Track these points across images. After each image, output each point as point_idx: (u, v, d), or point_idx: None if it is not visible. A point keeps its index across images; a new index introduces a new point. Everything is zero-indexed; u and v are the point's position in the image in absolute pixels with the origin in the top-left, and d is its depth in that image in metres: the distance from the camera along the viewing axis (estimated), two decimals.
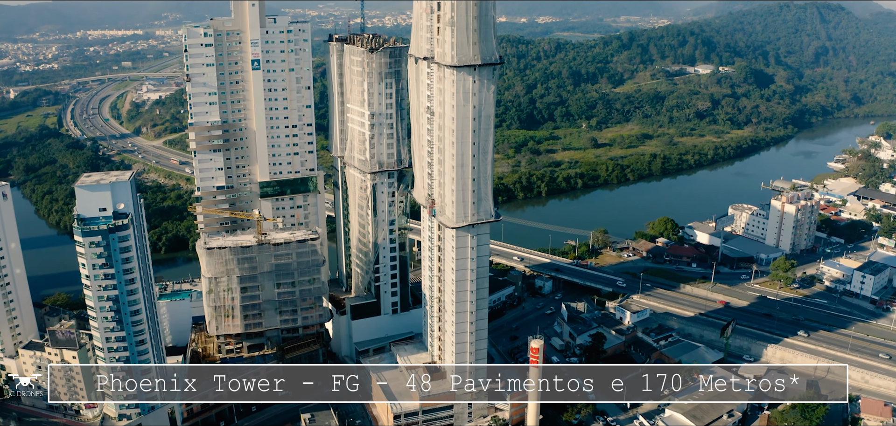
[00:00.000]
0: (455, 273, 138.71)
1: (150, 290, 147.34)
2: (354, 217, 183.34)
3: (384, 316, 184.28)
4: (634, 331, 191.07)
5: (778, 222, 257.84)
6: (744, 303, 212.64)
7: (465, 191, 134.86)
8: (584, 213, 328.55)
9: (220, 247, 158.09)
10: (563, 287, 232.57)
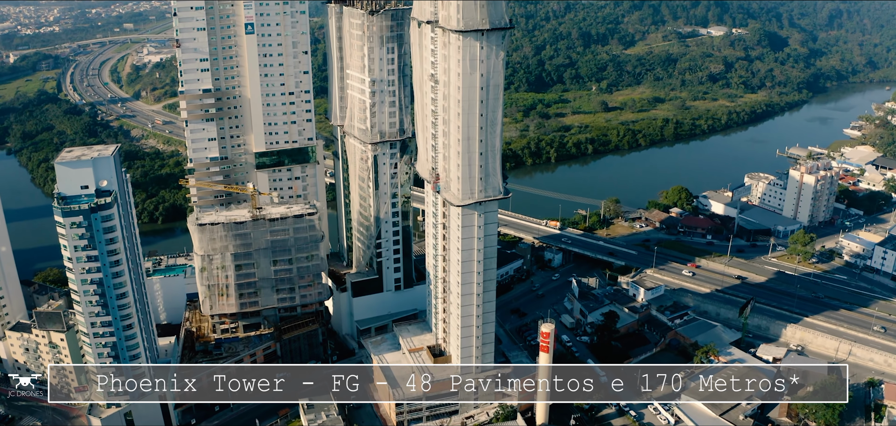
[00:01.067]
0: (461, 253, 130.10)
1: (139, 271, 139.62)
2: (355, 189, 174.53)
3: (387, 293, 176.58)
4: (648, 309, 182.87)
5: (796, 193, 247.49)
6: (761, 279, 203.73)
7: (472, 166, 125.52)
8: (595, 180, 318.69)
9: (212, 223, 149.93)
10: (574, 259, 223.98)
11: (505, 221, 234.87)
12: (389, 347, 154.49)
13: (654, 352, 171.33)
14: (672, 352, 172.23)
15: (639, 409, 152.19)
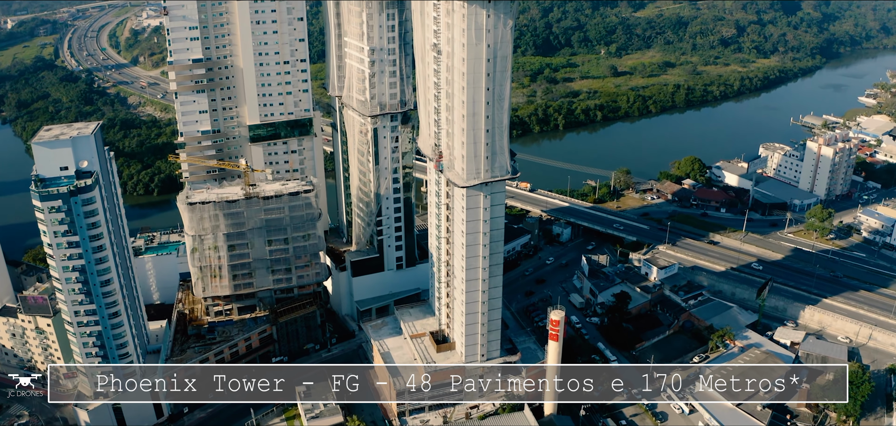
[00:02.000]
0: (465, 236, 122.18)
1: (125, 255, 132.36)
2: (354, 163, 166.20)
3: (388, 272, 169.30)
4: (661, 289, 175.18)
5: (813, 165, 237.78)
6: (778, 257, 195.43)
7: (477, 143, 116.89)
8: (604, 149, 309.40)
9: (202, 201, 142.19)
10: (583, 234, 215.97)
11: (511, 193, 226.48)
12: (390, 331, 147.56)
13: (668, 335, 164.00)
14: (686, 335, 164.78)
15: (651, 396, 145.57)
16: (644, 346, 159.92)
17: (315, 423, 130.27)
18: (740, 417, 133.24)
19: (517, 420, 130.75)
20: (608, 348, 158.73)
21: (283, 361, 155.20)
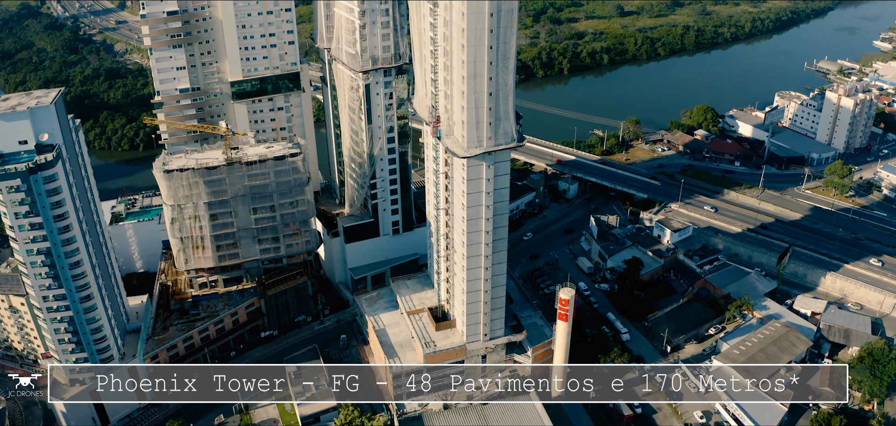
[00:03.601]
0: (466, 210, 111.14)
1: (97, 231, 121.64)
2: (345, 121, 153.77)
3: (384, 237, 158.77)
4: (675, 253, 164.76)
5: (832, 116, 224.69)
6: (796, 216, 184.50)
7: (479, 108, 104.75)
8: (612, 95, 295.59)
9: (180, 169, 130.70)
10: (591, 190, 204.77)
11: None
12: (386, 305, 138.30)
13: (681, 303, 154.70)
14: (701, 303, 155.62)
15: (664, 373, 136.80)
16: (657, 316, 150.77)
17: (306, 407, 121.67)
18: (760, 399, 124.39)
19: (523, 403, 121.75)
20: (619, 319, 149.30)
21: (272, 336, 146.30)
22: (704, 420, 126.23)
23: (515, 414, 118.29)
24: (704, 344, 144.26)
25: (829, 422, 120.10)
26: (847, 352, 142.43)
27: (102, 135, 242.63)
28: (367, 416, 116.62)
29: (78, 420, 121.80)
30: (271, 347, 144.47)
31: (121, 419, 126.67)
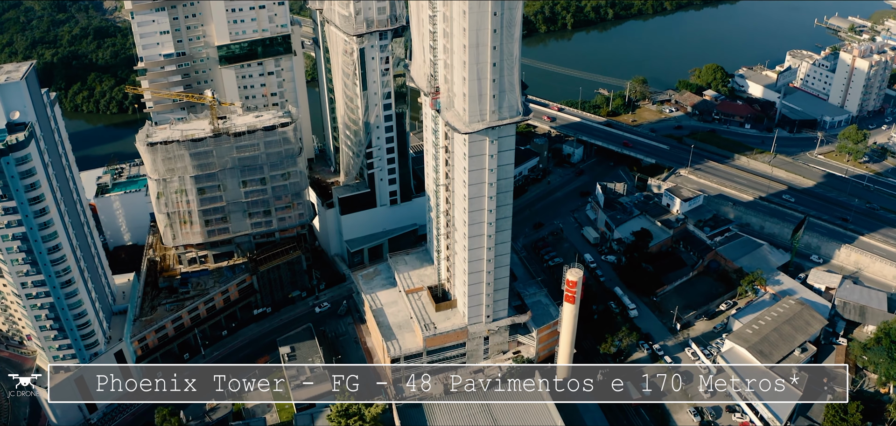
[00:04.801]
0: (468, 188, 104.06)
1: (76, 211, 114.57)
2: (339, 87, 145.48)
3: (381, 208, 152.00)
4: (684, 223, 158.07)
5: (846, 78, 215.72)
6: (809, 183, 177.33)
7: (482, 80, 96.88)
8: (617, 52, 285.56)
9: (164, 141, 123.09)
10: (596, 154, 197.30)
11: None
12: (383, 282, 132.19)
13: (691, 277, 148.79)
14: (711, 277, 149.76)
15: (673, 351, 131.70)
16: (666, 290, 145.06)
17: (302, 393, 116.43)
18: (774, 382, 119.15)
19: (527, 387, 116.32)
20: (626, 294, 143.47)
21: (266, 313, 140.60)
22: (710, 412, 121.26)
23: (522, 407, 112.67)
24: (715, 321, 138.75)
25: (845, 410, 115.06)
26: (862, 331, 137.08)
27: (90, 98, 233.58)
28: (364, 405, 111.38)
29: (64, 408, 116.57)
30: (264, 325, 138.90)
31: (109, 405, 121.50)
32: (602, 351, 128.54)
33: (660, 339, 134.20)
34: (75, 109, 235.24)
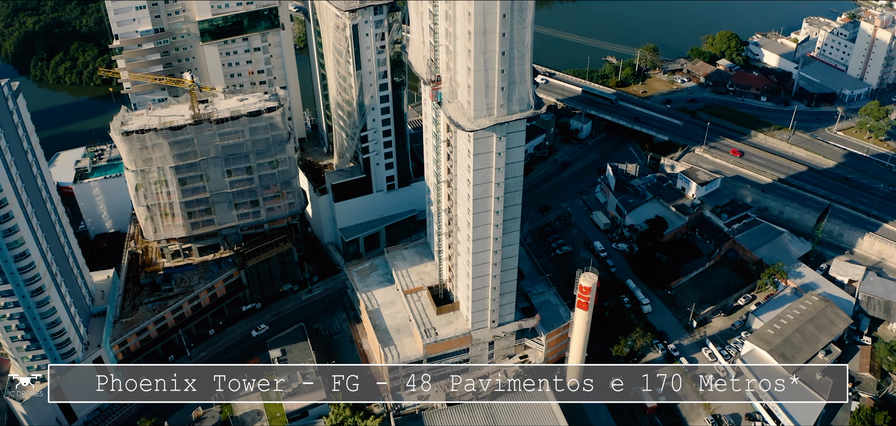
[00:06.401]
0: (472, 188, 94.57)
1: (46, 210, 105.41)
2: (331, 65, 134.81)
3: (377, 194, 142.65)
4: (700, 209, 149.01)
5: (866, 49, 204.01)
6: (829, 164, 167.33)
7: (490, 71, 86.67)
8: (625, 16, 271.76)
9: (141, 130, 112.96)
10: (605, 129, 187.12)
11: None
12: (380, 279, 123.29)
13: (707, 267, 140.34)
14: (729, 267, 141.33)
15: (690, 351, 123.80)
16: (681, 283, 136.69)
17: (292, 402, 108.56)
18: (797, 390, 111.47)
19: (535, 399, 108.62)
20: (639, 287, 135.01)
21: (255, 309, 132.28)
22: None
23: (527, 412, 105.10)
24: (733, 317, 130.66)
25: (872, 420, 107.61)
26: (887, 328, 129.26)
27: (73, 69, 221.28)
28: (360, 416, 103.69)
29: (40, 419, 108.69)
30: (254, 321, 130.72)
31: (89, 414, 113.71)
32: (614, 353, 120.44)
33: (675, 337, 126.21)
34: (57, 81, 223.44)
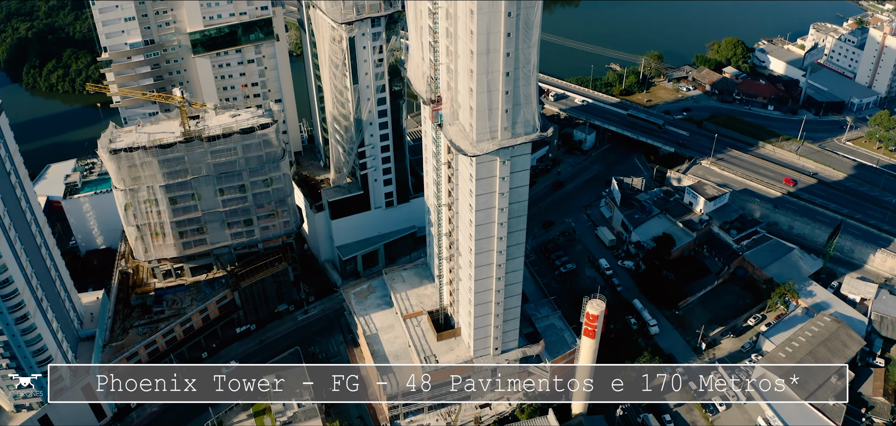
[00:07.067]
0: (474, 213, 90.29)
1: (30, 233, 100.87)
2: (327, 78, 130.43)
3: (375, 211, 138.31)
4: (708, 225, 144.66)
5: (874, 56, 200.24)
6: (839, 176, 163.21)
7: (493, 92, 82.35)
8: (628, 21, 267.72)
9: (129, 148, 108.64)
10: (609, 140, 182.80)
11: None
12: (378, 302, 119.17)
13: (716, 286, 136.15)
14: (737, 286, 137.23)
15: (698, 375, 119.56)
16: (689, 302, 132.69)
17: None
18: (810, 416, 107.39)
19: None
20: (646, 307, 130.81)
21: (250, 330, 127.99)
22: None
23: None
24: (743, 338, 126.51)
25: None
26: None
27: (66, 76, 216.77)
28: None
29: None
30: (249, 343, 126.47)
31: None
32: None
33: (683, 359, 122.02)
34: (50, 89, 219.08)
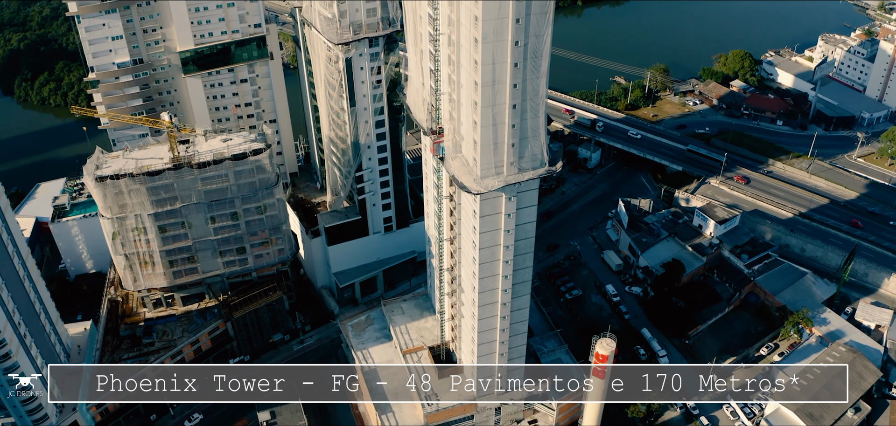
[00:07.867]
0: (478, 251, 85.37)
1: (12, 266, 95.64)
2: (323, 100, 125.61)
3: (374, 236, 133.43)
4: (718, 248, 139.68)
5: (885, 69, 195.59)
6: (851, 195, 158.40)
7: (499, 126, 77.42)
8: (632, 32, 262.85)
9: (115, 175, 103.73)
10: (615, 158, 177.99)
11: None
12: (377, 334, 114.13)
13: (727, 313, 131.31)
14: (749, 312, 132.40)
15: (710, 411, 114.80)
16: (699, 331, 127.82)
17: None
18: None
19: None
20: (655, 337, 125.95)
21: (244, 361, 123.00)
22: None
23: None
24: (755, 368, 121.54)
25: None
26: None
27: (58, 90, 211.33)
28: None
29: None
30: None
31: None
32: (630, 415, 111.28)
33: (693, 392, 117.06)
34: (42, 102, 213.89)
